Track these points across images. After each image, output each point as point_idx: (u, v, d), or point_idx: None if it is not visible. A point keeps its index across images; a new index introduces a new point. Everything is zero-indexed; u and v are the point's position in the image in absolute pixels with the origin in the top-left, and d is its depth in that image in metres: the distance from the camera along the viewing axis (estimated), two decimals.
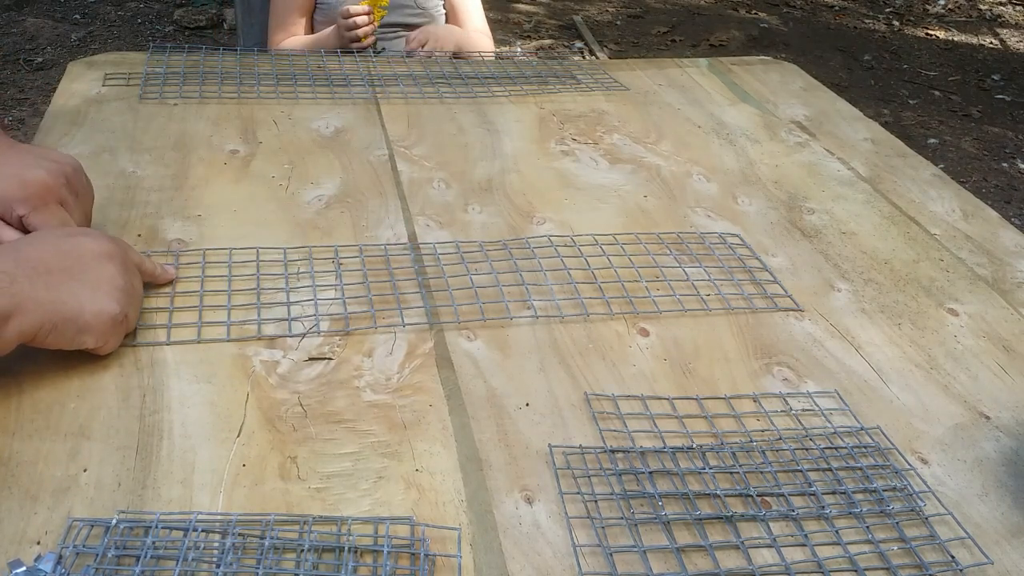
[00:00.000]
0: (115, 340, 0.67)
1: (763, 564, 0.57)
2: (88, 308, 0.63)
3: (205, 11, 3.64)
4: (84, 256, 0.65)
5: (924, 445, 0.68)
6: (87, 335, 0.64)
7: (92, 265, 0.65)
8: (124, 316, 0.66)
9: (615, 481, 0.62)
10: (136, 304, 0.69)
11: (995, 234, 0.98)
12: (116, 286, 0.66)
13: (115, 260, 0.67)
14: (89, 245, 0.66)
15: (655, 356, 0.74)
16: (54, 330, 0.62)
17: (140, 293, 0.70)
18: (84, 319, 0.63)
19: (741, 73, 1.36)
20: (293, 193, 0.77)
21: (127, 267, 0.68)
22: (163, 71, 1.14)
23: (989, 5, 4.65)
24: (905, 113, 3.39)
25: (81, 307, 0.63)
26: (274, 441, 0.62)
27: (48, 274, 0.62)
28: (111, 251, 0.67)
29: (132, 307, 0.68)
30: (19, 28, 3.47)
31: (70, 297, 0.63)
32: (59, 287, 0.62)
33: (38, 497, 0.56)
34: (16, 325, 0.59)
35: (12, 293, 0.59)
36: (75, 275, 0.64)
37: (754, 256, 0.85)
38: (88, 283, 0.64)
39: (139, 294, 0.70)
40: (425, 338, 0.74)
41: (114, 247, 0.68)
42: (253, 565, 0.53)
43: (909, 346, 0.78)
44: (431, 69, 1.26)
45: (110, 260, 0.66)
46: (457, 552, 0.55)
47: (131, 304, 0.68)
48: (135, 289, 0.69)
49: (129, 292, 0.67)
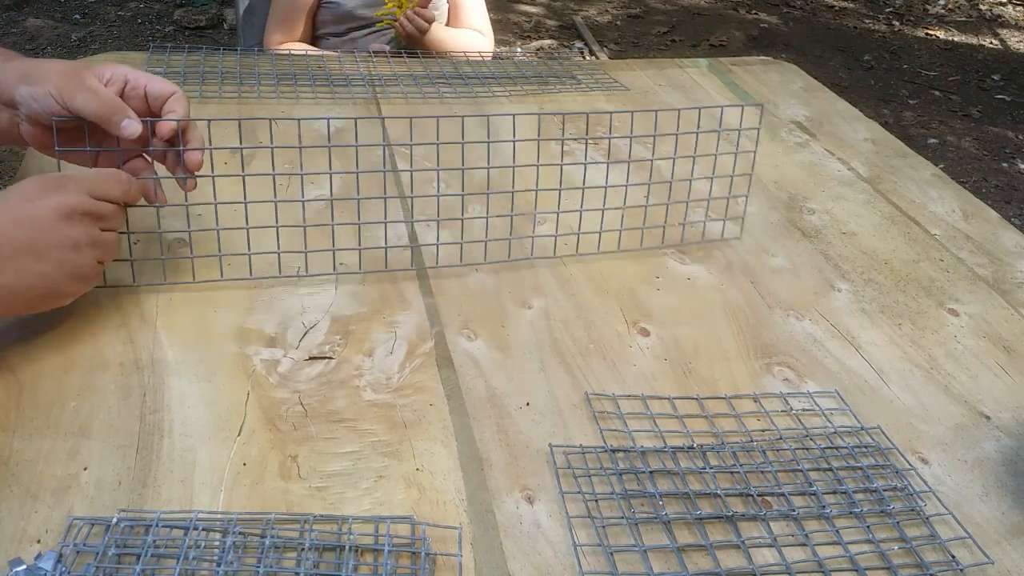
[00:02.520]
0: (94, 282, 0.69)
1: (763, 564, 0.57)
2: (57, 282, 0.65)
3: (205, 11, 3.64)
4: (41, 226, 0.63)
5: (924, 445, 0.68)
6: (64, 300, 0.67)
7: (51, 234, 0.64)
8: (96, 264, 0.67)
9: (615, 480, 0.62)
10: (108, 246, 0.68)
11: (995, 234, 0.98)
12: (78, 244, 0.65)
13: (70, 216, 0.65)
14: (44, 209, 0.64)
15: (655, 356, 0.74)
16: (31, 306, 0.65)
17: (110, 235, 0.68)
18: (59, 292, 0.65)
19: (741, 73, 1.36)
20: (293, 193, 0.77)
21: (86, 217, 0.66)
22: (163, 71, 1.14)
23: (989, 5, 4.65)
24: (905, 113, 3.39)
25: (51, 284, 0.64)
26: (274, 440, 0.62)
27: (14, 256, 0.62)
28: (68, 208, 0.65)
29: (106, 251, 0.68)
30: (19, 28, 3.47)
31: (38, 279, 0.63)
32: (27, 269, 0.63)
33: (38, 496, 0.56)
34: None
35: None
36: (40, 251, 0.63)
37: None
38: (51, 258, 0.64)
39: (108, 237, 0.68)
40: (425, 338, 0.74)
41: (70, 200, 0.65)
42: (254, 564, 0.53)
43: (909, 346, 0.78)
44: (431, 69, 1.26)
45: (68, 220, 0.64)
46: (457, 551, 0.55)
47: (103, 250, 0.68)
48: (104, 236, 0.67)
49: (95, 242, 0.66)
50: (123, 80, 0.72)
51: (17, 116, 0.73)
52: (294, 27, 1.56)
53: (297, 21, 1.56)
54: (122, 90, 0.72)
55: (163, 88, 0.72)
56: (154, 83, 0.72)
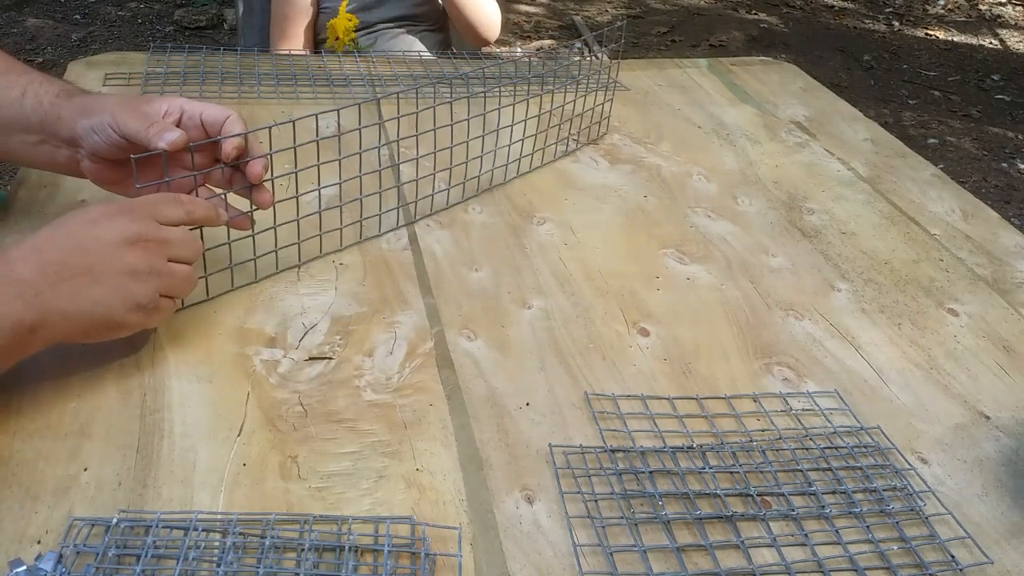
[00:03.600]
0: (161, 317, 0.66)
1: (763, 564, 0.57)
2: (112, 310, 0.62)
3: (205, 11, 3.64)
4: (104, 249, 0.62)
5: (924, 445, 0.68)
6: (124, 330, 0.64)
7: (110, 259, 0.62)
8: (157, 297, 0.64)
9: (615, 481, 0.62)
10: (171, 277, 0.66)
11: (995, 234, 0.98)
12: (138, 273, 0.63)
13: (133, 243, 0.63)
14: (108, 234, 0.63)
15: (655, 356, 0.74)
16: (85, 334, 0.62)
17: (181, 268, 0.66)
18: (114, 320, 0.63)
19: (741, 73, 1.36)
20: (293, 193, 0.77)
21: (149, 245, 0.64)
22: (163, 71, 1.14)
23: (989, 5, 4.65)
24: (905, 113, 3.39)
25: (106, 311, 0.62)
26: (274, 440, 0.62)
27: (71, 279, 0.61)
28: (132, 234, 0.63)
29: (168, 283, 0.65)
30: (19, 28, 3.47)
31: (92, 305, 0.61)
32: (82, 294, 0.61)
33: (39, 496, 0.56)
34: (44, 335, 0.60)
35: (37, 306, 0.58)
36: (97, 275, 0.61)
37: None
38: (108, 283, 0.62)
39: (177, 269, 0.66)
40: (425, 338, 0.74)
41: (135, 227, 0.64)
42: (254, 564, 0.53)
43: (909, 346, 0.78)
44: (431, 69, 1.26)
45: (128, 246, 0.63)
46: (457, 551, 0.55)
47: (165, 281, 0.65)
48: (167, 265, 0.65)
49: (157, 271, 0.64)
50: (179, 110, 0.73)
51: (78, 153, 0.73)
52: (295, 34, 1.56)
53: (297, 27, 1.56)
54: (179, 120, 0.72)
55: (218, 114, 0.73)
56: (209, 110, 0.73)
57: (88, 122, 0.71)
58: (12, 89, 0.73)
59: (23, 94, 0.73)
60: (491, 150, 0.95)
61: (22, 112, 0.73)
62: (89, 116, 0.71)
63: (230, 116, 0.73)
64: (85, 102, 0.73)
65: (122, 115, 0.70)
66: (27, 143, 0.74)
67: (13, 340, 0.58)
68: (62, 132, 0.72)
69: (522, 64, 1.30)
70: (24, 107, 0.73)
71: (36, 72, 0.76)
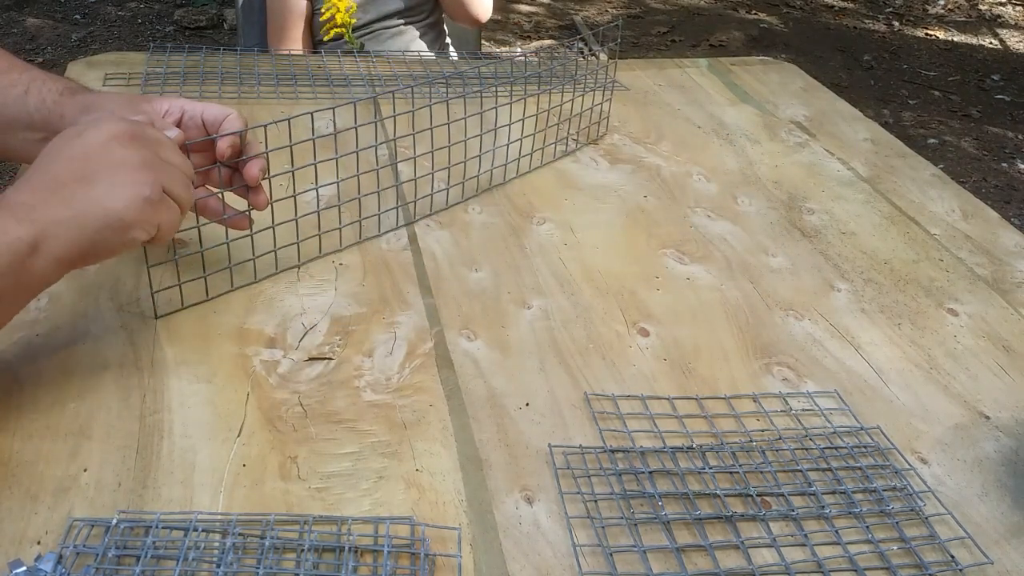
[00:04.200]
0: (168, 219, 0.62)
1: (763, 564, 0.57)
2: (113, 205, 0.59)
3: (205, 11, 3.64)
4: (91, 153, 0.60)
5: (924, 445, 0.68)
6: (132, 231, 0.60)
7: (101, 157, 0.60)
8: (159, 190, 0.61)
9: (615, 481, 0.62)
10: (170, 172, 0.63)
11: (995, 234, 0.98)
12: (133, 165, 0.61)
13: (122, 139, 0.61)
14: (96, 136, 0.61)
15: (655, 356, 0.74)
16: (93, 243, 0.59)
17: (171, 159, 0.64)
18: (117, 217, 0.59)
19: (741, 73, 1.36)
20: (293, 193, 0.77)
21: (139, 139, 0.62)
22: (163, 71, 1.14)
23: (989, 5, 4.65)
24: (905, 113, 3.39)
25: (105, 208, 0.59)
26: (274, 441, 0.62)
27: (62, 188, 0.58)
28: (121, 131, 0.62)
29: (167, 176, 0.62)
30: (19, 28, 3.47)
31: (91, 204, 0.58)
32: (76, 198, 0.58)
33: (38, 497, 0.56)
34: (48, 252, 0.57)
35: (32, 220, 0.56)
36: (89, 178, 0.59)
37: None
38: (103, 180, 0.59)
39: (169, 161, 0.64)
40: (425, 338, 0.74)
41: (124, 125, 0.62)
42: (253, 565, 0.53)
43: (909, 346, 0.78)
44: (431, 69, 1.26)
45: (117, 141, 0.61)
46: (457, 552, 0.55)
47: (163, 174, 0.62)
48: (161, 159, 0.63)
49: (152, 164, 0.61)
50: (180, 111, 0.73)
51: None
52: (293, 35, 1.56)
53: (295, 29, 1.56)
54: (180, 119, 0.73)
55: (218, 113, 0.73)
56: (210, 109, 0.73)
57: (90, 120, 0.71)
58: (15, 87, 0.73)
59: (26, 92, 0.73)
60: (491, 149, 0.95)
61: (25, 110, 0.73)
62: (91, 114, 0.71)
63: (229, 115, 0.72)
64: (87, 100, 0.73)
65: (123, 113, 0.70)
66: (29, 141, 0.74)
67: (15, 264, 0.56)
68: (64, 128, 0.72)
69: (521, 64, 1.30)
70: (27, 105, 0.73)
71: (38, 70, 0.76)
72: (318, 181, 0.79)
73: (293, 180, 0.77)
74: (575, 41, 1.81)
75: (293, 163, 0.76)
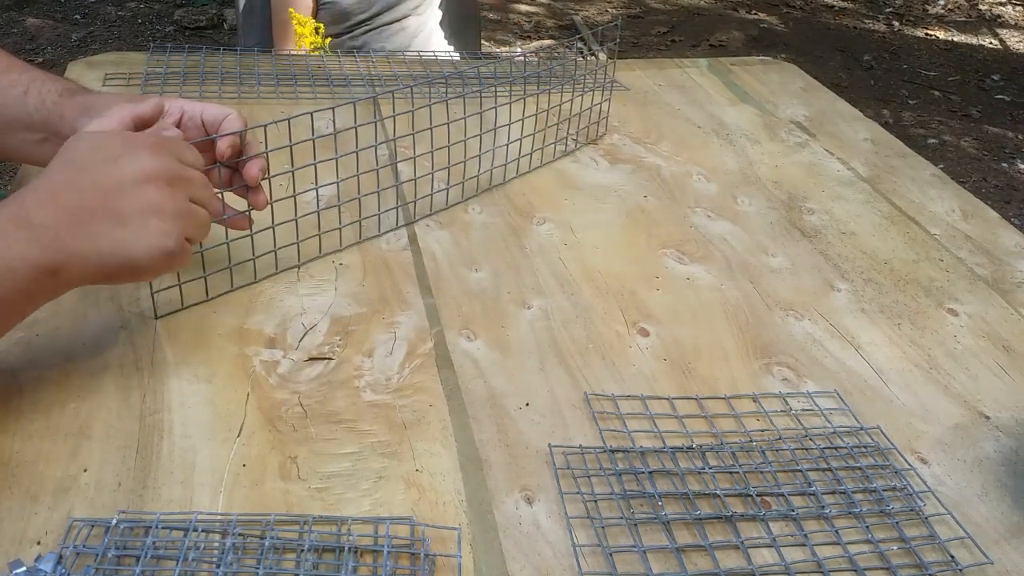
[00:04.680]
0: (181, 262, 0.64)
1: (763, 564, 0.57)
2: (136, 253, 0.60)
3: (205, 11, 3.64)
4: (125, 189, 0.60)
5: (924, 445, 0.68)
6: (146, 276, 0.63)
7: (135, 198, 0.60)
8: (183, 240, 0.62)
9: (615, 481, 0.62)
10: (196, 218, 0.64)
11: (995, 234, 0.98)
12: (165, 214, 0.61)
13: (159, 183, 0.61)
14: (128, 172, 0.61)
15: (655, 356, 0.74)
16: (107, 276, 0.61)
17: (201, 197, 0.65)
18: (135, 263, 0.60)
19: (741, 73, 1.36)
20: (292, 193, 0.77)
21: (176, 184, 0.62)
22: (163, 71, 1.14)
23: (989, 5, 4.65)
24: (905, 113, 3.39)
25: (128, 253, 0.60)
26: (274, 441, 0.62)
27: (91, 221, 0.59)
28: (154, 171, 0.61)
29: (192, 224, 0.63)
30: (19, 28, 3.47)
31: (115, 245, 0.59)
32: (102, 236, 0.59)
33: (38, 497, 0.56)
34: (66, 279, 0.58)
35: (56, 249, 0.57)
36: (117, 215, 0.59)
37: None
38: (132, 225, 0.60)
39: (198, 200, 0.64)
40: (425, 338, 0.74)
41: (157, 163, 0.62)
42: (253, 565, 0.53)
43: (909, 346, 0.78)
44: (431, 69, 1.26)
45: (154, 186, 0.61)
46: (457, 552, 0.55)
47: (190, 223, 0.63)
48: (190, 207, 0.63)
49: (182, 214, 0.62)
50: (179, 111, 0.73)
51: None
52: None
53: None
54: (179, 120, 0.73)
55: (218, 113, 0.73)
56: (209, 110, 0.73)
57: (89, 122, 0.71)
58: (15, 87, 0.73)
59: (26, 92, 0.73)
60: (490, 149, 0.95)
61: (25, 110, 0.73)
62: (91, 114, 0.71)
63: (229, 115, 0.72)
64: (87, 101, 0.73)
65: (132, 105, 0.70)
66: (29, 141, 0.74)
67: (33, 285, 0.57)
68: (64, 130, 0.72)
69: (520, 63, 1.30)
70: (27, 105, 0.73)
71: (37, 70, 0.76)
72: (318, 181, 0.79)
73: (293, 180, 0.77)
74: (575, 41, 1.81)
75: (293, 163, 0.76)
